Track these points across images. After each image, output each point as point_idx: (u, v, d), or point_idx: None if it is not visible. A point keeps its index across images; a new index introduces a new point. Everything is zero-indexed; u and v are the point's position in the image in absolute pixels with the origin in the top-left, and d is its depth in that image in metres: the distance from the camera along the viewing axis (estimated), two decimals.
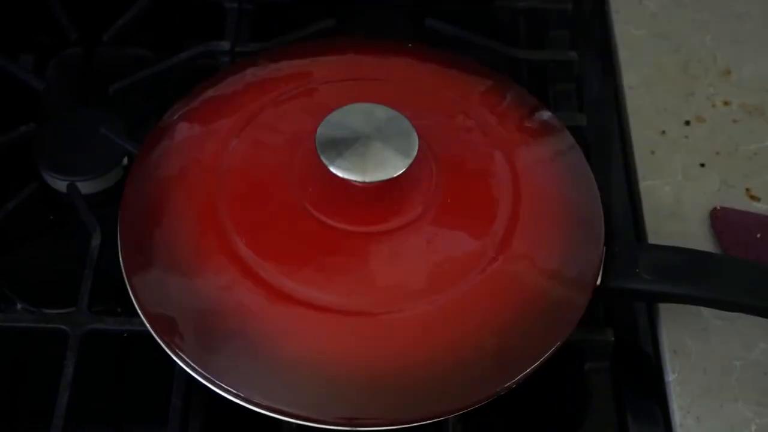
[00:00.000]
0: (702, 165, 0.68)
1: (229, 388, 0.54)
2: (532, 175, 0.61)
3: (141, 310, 0.57)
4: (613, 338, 0.61)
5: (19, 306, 0.66)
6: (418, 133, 0.58)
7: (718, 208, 0.66)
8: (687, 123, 0.70)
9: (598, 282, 0.59)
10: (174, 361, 0.55)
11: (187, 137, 0.63)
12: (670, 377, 0.60)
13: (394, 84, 0.65)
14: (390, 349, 0.55)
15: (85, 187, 0.67)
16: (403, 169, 0.56)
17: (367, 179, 0.56)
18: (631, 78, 0.72)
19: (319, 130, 0.57)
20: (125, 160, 0.68)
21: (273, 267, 0.56)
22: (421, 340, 0.55)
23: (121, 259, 0.59)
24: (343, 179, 0.56)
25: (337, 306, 0.55)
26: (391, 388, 0.54)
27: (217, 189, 0.59)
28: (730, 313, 0.60)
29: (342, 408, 0.54)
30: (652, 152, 0.69)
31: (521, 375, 0.55)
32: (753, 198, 0.67)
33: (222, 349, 0.55)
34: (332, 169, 0.56)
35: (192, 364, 0.55)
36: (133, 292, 0.57)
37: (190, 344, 0.55)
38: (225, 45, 0.73)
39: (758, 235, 0.65)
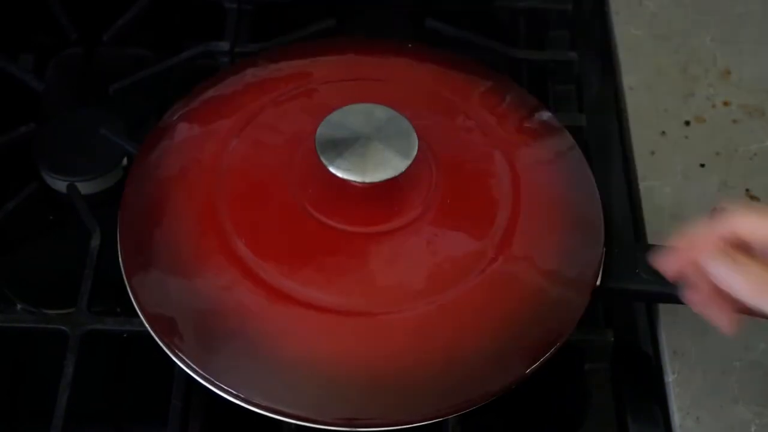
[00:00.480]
0: (702, 165, 0.68)
1: (229, 389, 0.54)
2: (531, 176, 0.61)
3: (141, 310, 0.57)
4: (613, 338, 0.61)
5: (19, 306, 0.66)
6: (418, 133, 0.58)
7: (718, 208, 0.66)
8: (687, 123, 0.70)
9: (598, 282, 0.59)
10: (174, 361, 0.55)
11: (187, 137, 0.63)
12: (670, 378, 0.60)
13: (394, 84, 0.65)
14: (390, 349, 0.55)
15: (85, 187, 0.67)
16: (403, 169, 0.56)
17: (367, 179, 0.56)
18: (630, 78, 0.72)
19: (318, 130, 0.57)
20: (125, 160, 0.68)
21: (273, 267, 0.56)
22: (421, 340, 0.55)
23: (120, 259, 0.59)
24: (343, 179, 0.56)
25: (337, 306, 0.55)
26: (391, 388, 0.54)
27: (217, 189, 0.59)
28: None
29: (342, 408, 0.54)
30: (652, 153, 0.69)
31: (521, 375, 0.55)
32: (753, 198, 0.67)
33: (222, 349, 0.55)
34: (332, 170, 0.56)
35: (192, 364, 0.54)
36: (132, 293, 0.57)
37: (190, 345, 0.55)
38: (225, 45, 0.73)
39: None
